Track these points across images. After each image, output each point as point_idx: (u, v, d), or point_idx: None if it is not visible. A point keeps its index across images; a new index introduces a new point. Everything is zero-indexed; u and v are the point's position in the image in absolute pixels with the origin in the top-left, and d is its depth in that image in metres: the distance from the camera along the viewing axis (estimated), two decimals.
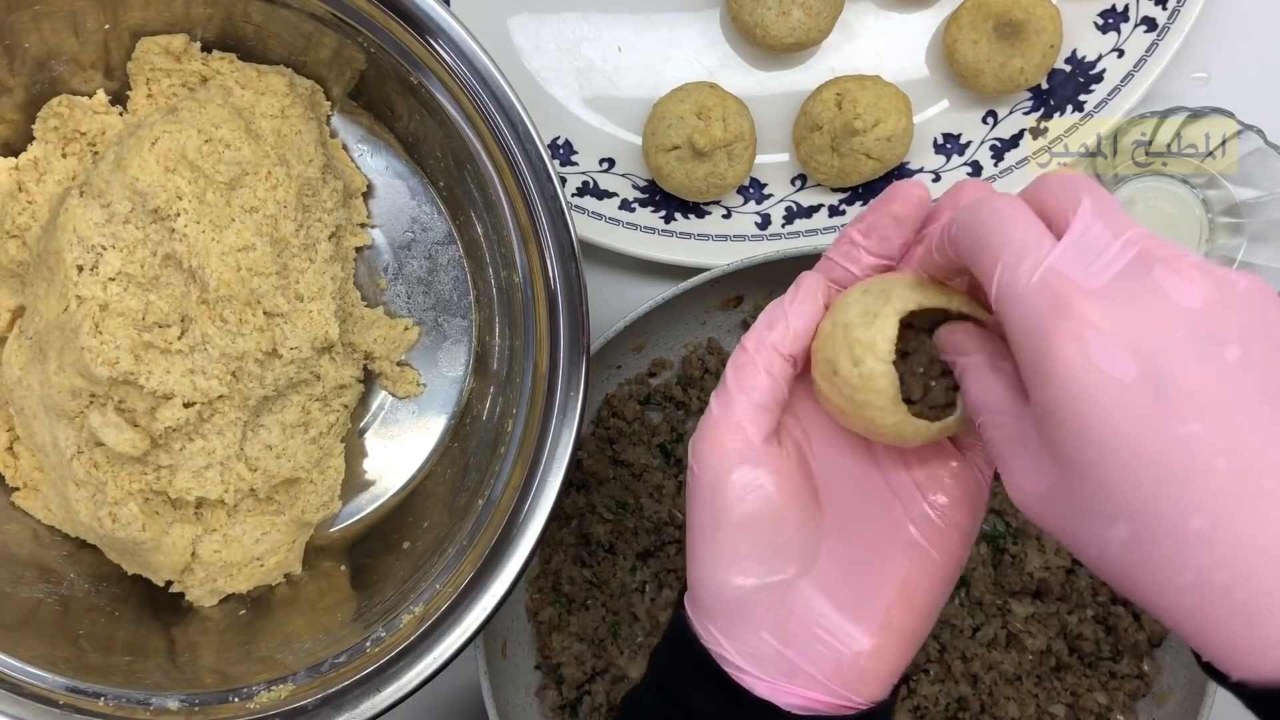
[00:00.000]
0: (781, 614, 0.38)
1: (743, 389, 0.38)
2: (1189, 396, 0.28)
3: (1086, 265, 0.31)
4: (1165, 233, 0.60)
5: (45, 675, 0.50)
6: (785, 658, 0.38)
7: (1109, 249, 0.31)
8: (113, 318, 0.49)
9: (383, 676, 0.49)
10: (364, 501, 0.58)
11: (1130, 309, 0.29)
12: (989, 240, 0.32)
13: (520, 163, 0.48)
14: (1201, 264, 0.30)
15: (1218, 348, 0.29)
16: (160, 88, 0.54)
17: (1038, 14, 0.57)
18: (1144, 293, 0.30)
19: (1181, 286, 0.30)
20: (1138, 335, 0.29)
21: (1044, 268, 0.31)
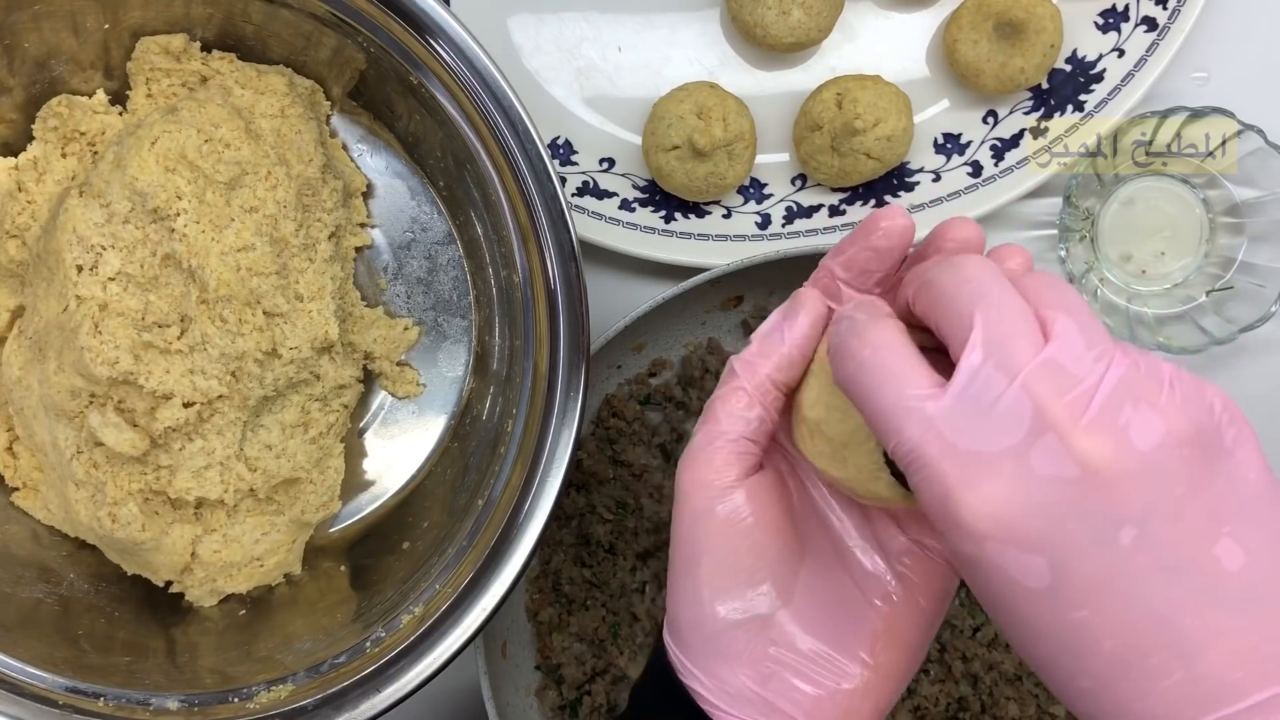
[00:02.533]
0: (760, 650, 0.37)
1: (731, 418, 0.37)
2: (1080, 588, 0.29)
3: (978, 430, 0.29)
4: (1166, 233, 0.60)
5: (45, 675, 0.50)
6: (762, 697, 0.37)
7: (1000, 405, 0.29)
8: (112, 318, 0.49)
9: (383, 677, 0.49)
10: (364, 501, 0.58)
11: (1020, 496, 0.29)
12: (869, 406, 0.31)
13: (520, 163, 0.48)
14: (1099, 419, 0.29)
15: (1114, 531, 0.29)
16: (160, 87, 0.54)
17: (1038, 14, 0.57)
18: (1035, 471, 0.29)
19: (1064, 459, 0.29)
20: (1030, 529, 0.29)
21: (930, 441, 0.30)
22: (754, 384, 0.37)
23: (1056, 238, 0.61)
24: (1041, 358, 0.29)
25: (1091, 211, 0.61)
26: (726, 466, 0.37)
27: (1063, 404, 0.29)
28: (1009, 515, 0.29)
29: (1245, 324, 0.57)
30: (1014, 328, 0.30)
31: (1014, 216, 0.62)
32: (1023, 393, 0.29)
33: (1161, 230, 0.60)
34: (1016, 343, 0.30)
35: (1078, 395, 0.29)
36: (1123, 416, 0.29)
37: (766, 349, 0.38)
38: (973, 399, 0.30)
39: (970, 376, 0.30)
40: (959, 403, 0.30)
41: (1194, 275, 0.60)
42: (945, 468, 0.29)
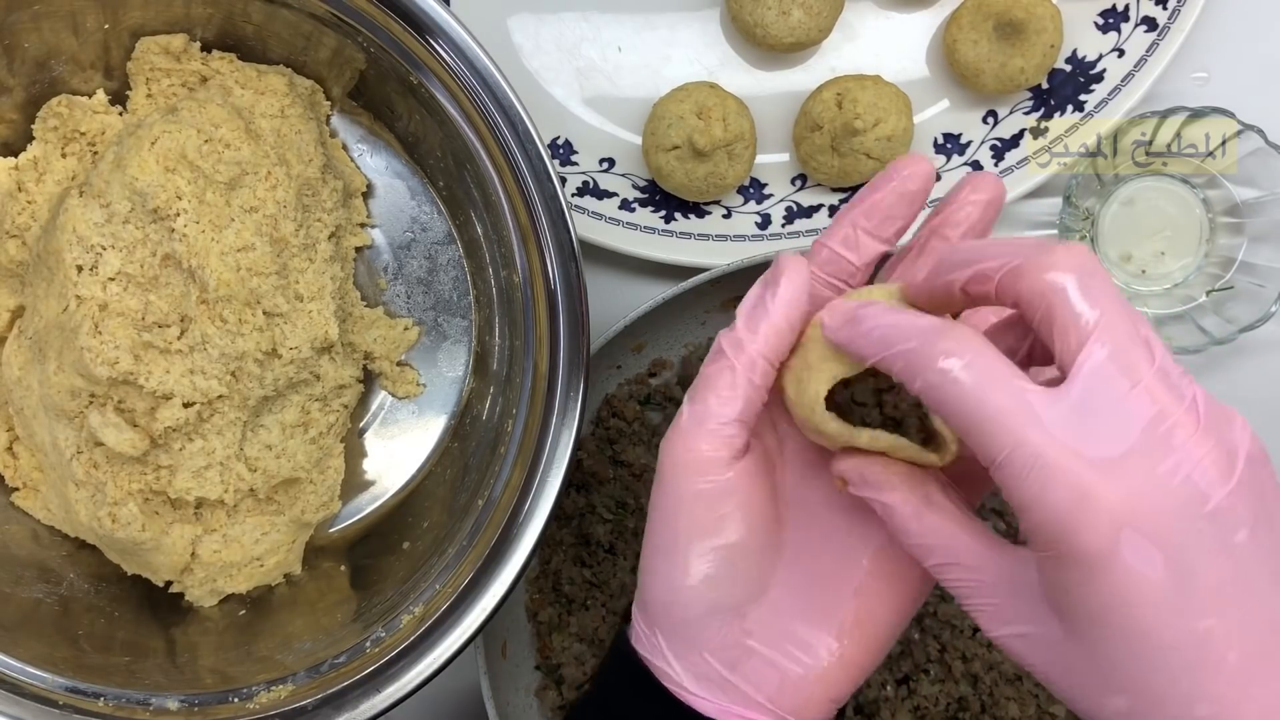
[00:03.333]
0: (732, 636, 0.37)
1: (720, 399, 0.36)
2: (1209, 592, 0.29)
3: (1097, 433, 0.29)
4: (1166, 233, 0.60)
5: (45, 675, 0.50)
6: (729, 680, 0.37)
7: (1121, 408, 0.29)
8: (112, 318, 0.49)
9: (383, 677, 0.49)
10: (364, 501, 0.58)
11: (1153, 496, 0.29)
12: (976, 414, 0.30)
13: (520, 163, 0.48)
14: (1211, 427, 0.29)
15: (1231, 535, 0.29)
16: (160, 87, 0.54)
17: (1038, 14, 0.57)
18: (1163, 474, 0.29)
19: (1196, 462, 0.29)
20: (1162, 529, 0.29)
21: (1053, 445, 0.29)
22: (743, 362, 0.36)
23: (1056, 238, 0.61)
24: (1157, 365, 0.30)
25: (1091, 211, 0.61)
26: (713, 450, 0.36)
27: (1184, 411, 0.29)
28: (1143, 508, 0.28)
29: (1245, 324, 0.57)
30: (1129, 332, 0.30)
31: (1014, 216, 0.62)
32: (1148, 399, 0.29)
33: (1161, 230, 0.60)
34: (1135, 348, 0.30)
35: (1190, 404, 0.30)
36: (1226, 426, 0.30)
37: (753, 323, 0.36)
38: (1096, 402, 0.29)
39: (1093, 381, 0.29)
40: (1083, 407, 0.29)
41: (1194, 275, 0.60)
42: (1079, 469, 0.29)
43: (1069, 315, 0.30)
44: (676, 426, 0.37)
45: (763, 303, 0.36)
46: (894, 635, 0.39)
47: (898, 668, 0.58)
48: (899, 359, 0.32)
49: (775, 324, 0.36)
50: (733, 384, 0.36)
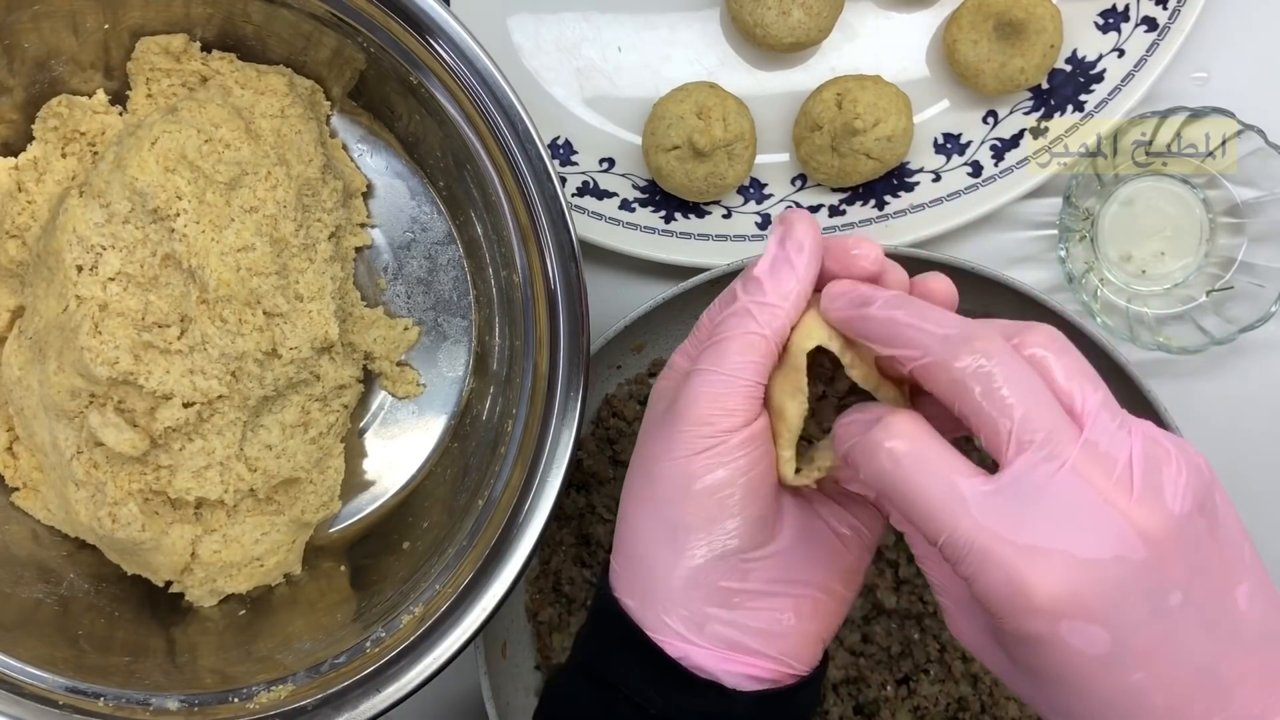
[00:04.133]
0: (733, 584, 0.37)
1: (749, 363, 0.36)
2: (1138, 653, 0.30)
3: (1028, 520, 0.30)
4: (1166, 233, 0.60)
5: (45, 675, 0.50)
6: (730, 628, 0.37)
7: (1048, 494, 0.30)
8: (112, 318, 0.49)
9: (383, 677, 0.49)
10: (364, 501, 0.58)
11: (1086, 582, 0.30)
12: (913, 503, 0.32)
13: (520, 163, 0.48)
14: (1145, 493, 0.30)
15: (1164, 601, 0.30)
16: (160, 88, 0.54)
17: (1038, 14, 0.57)
18: (1095, 557, 0.30)
19: (1128, 537, 0.30)
20: (1098, 610, 0.30)
21: (983, 534, 0.30)
22: (773, 329, 0.36)
23: (1056, 238, 0.61)
24: (1082, 440, 0.30)
25: (1091, 211, 0.61)
26: (740, 412, 0.36)
27: (1112, 484, 0.30)
28: (1079, 596, 0.30)
29: (1245, 324, 0.57)
30: (1048, 413, 0.31)
31: (1014, 216, 0.62)
32: (1075, 479, 0.30)
33: (1161, 230, 0.60)
34: (1056, 429, 0.30)
35: (1120, 474, 0.30)
36: (1159, 488, 0.30)
37: (781, 287, 0.36)
38: (1025, 490, 0.30)
39: (1021, 470, 0.30)
40: (1013, 495, 0.30)
41: (1194, 275, 0.60)
42: (1011, 559, 0.30)
43: (984, 414, 0.31)
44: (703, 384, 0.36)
45: (788, 263, 0.36)
46: (865, 567, 0.40)
47: (898, 668, 0.58)
48: (851, 454, 0.34)
49: (803, 290, 0.36)
50: (763, 351, 0.36)
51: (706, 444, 0.36)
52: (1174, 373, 0.62)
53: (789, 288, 0.36)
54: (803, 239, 0.36)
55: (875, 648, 0.58)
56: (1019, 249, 0.62)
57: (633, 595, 0.38)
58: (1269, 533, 0.62)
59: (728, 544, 0.37)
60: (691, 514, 0.36)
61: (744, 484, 0.36)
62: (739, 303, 0.37)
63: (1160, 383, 0.56)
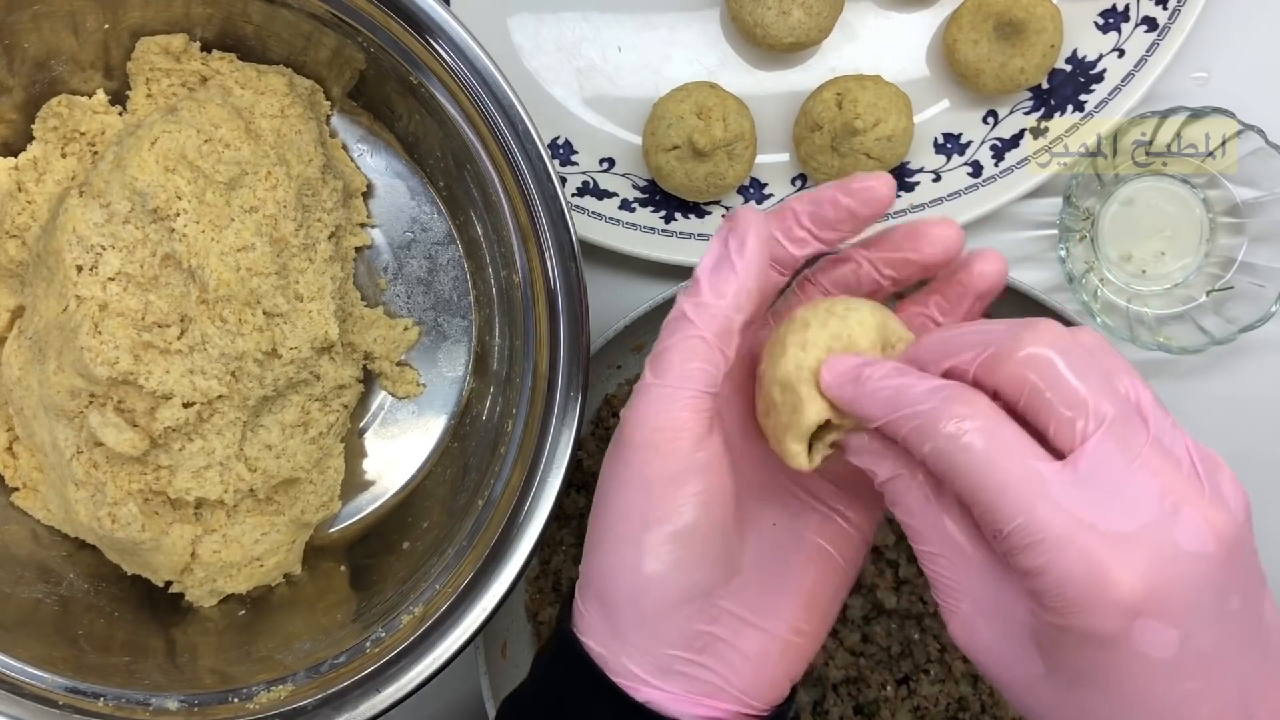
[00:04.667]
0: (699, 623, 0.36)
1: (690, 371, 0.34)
2: (1199, 659, 0.29)
3: (1106, 509, 0.29)
4: (1166, 233, 0.60)
5: (45, 675, 0.50)
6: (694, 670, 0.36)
7: (1126, 485, 0.29)
8: (112, 318, 0.49)
9: (382, 677, 0.49)
10: (364, 502, 0.58)
11: (1165, 578, 0.29)
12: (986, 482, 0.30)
13: (520, 163, 0.48)
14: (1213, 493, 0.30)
15: (1226, 603, 0.30)
16: (160, 87, 0.54)
17: (1038, 14, 0.57)
18: (1174, 552, 0.29)
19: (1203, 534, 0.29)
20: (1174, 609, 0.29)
21: (1064, 519, 0.29)
22: (714, 331, 0.34)
23: (1056, 238, 0.61)
24: (1152, 436, 0.30)
25: (1091, 211, 0.61)
26: (685, 429, 0.34)
27: (1183, 480, 0.30)
28: (1160, 591, 0.29)
29: (1245, 324, 0.57)
30: (1120, 408, 0.30)
31: (1014, 216, 0.62)
32: (1149, 473, 0.29)
33: (1161, 230, 0.60)
34: (1129, 423, 0.30)
35: (1189, 471, 0.30)
36: (1221, 490, 0.30)
37: (720, 286, 0.34)
38: (1100, 478, 0.29)
39: (1096, 457, 0.29)
40: (1089, 482, 0.29)
41: (1194, 275, 0.60)
42: (1093, 546, 0.29)
43: (1055, 401, 0.30)
44: (644, 401, 0.34)
45: (728, 261, 0.34)
46: (839, 606, 0.39)
47: (898, 668, 0.58)
48: (906, 422, 0.31)
49: (745, 286, 0.34)
50: (705, 355, 0.34)
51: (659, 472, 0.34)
52: (1174, 373, 0.62)
53: (727, 286, 0.34)
54: (744, 236, 0.34)
55: (875, 648, 0.58)
56: (1019, 249, 0.62)
57: (595, 637, 0.37)
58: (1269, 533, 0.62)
59: (691, 585, 0.35)
60: (648, 556, 0.34)
61: (705, 523, 0.35)
62: (676, 306, 0.35)
63: (1160, 383, 0.56)
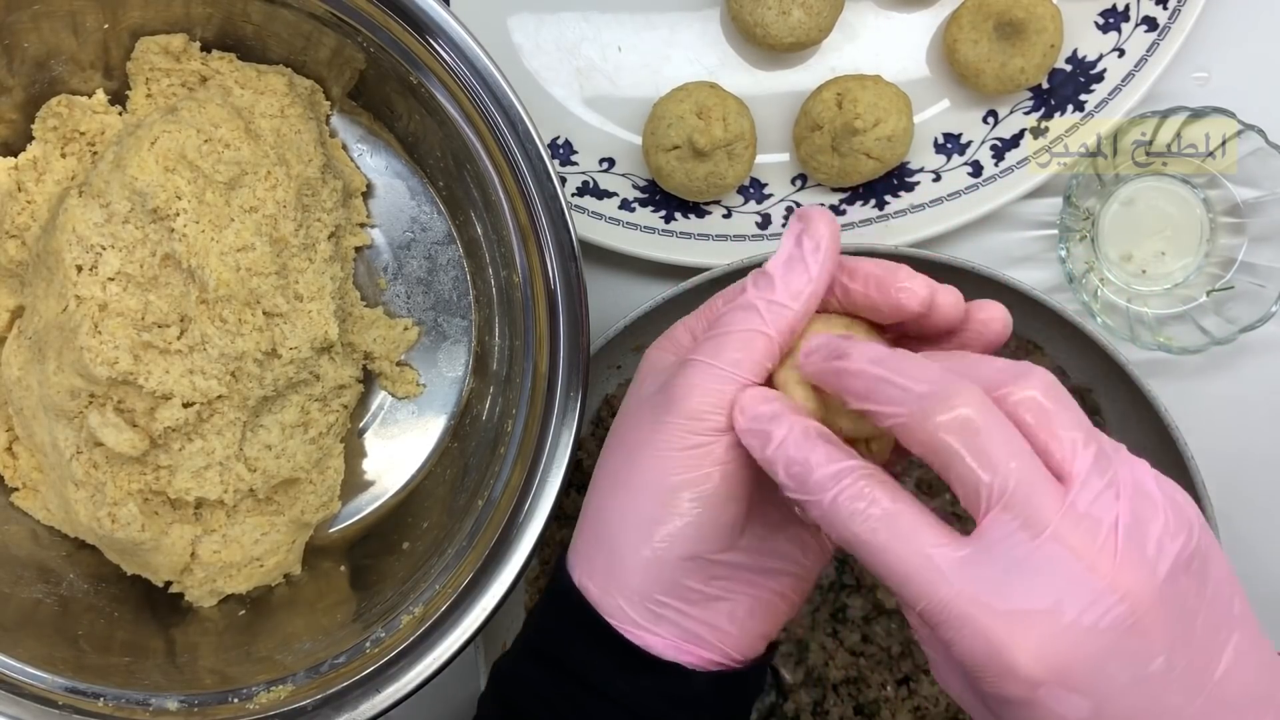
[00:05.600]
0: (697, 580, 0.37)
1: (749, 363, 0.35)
2: (1122, 716, 0.30)
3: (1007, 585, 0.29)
4: (1166, 233, 0.60)
5: (44, 676, 0.50)
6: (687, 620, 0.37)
7: (1028, 561, 0.29)
8: (112, 318, 0.49)
9: (382, 677, 0.49)
10: (363, 502, 0.58)
11: (1065, 650, 0.29)
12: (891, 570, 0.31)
13: (520, 163, 0.48)
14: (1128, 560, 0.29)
15: (1146, 667, 0.30)
16: (160, 87, 0.54)
17: (1038, 13, 0.57)
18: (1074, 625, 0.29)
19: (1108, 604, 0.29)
20: (1076, 677, 0.29)
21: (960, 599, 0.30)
22: (778, 329, 0.35)
23: (1056, 238, 0.61)
24: (1066, 505, 0.30)
25: (1092, 211, 0.60)
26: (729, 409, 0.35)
27: (1095, 550, 0.29)
28: (1058, 664, 0.29)
29: (1245, 324, 0.57)
30: (1029, 475, 0.30)
31: (1014, 216, 0.62)
32: (1056, 545, 0.29)
33: (1161, 230, 0.60)
34: (1038, 494, 0.30)
35: (1105, 538, 0.29)
36: (1144, 551, 0.30)
37: (794, 286, 0.35)
38: (1003, 555, 0.30)
39: (998, 535, 0.30)
40: (990, 560, 0.30)
41: (1194, 275, 0.60)
42: (989, 625, 0.29)
43: (962, 475, 0.30)
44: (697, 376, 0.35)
45: (802, 262, 0.35)
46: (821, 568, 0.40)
47: (898, 668, 0.58)
48: (812, 508, 0.33)
49: (816, 291, 0.35)
50: (764, 350, 0.35)
51: (694, 441, 0.36)
52: (1174, 373, 0.62)
53: (800, 287, 0.35)
54: (819, 238, 0.35)
55: (875, 648, 0.58)
56: (1019, 249, 0.62)
57: (593, 579, 0.38)
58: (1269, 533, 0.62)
59: (698, 546, 0.36)
60: (666, 511, 0.36)
61: (724, 491, 0.36)
62: (746, 296, 0.36)
63: (1160, 383, 0.56)
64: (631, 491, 0.37)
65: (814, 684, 0.59)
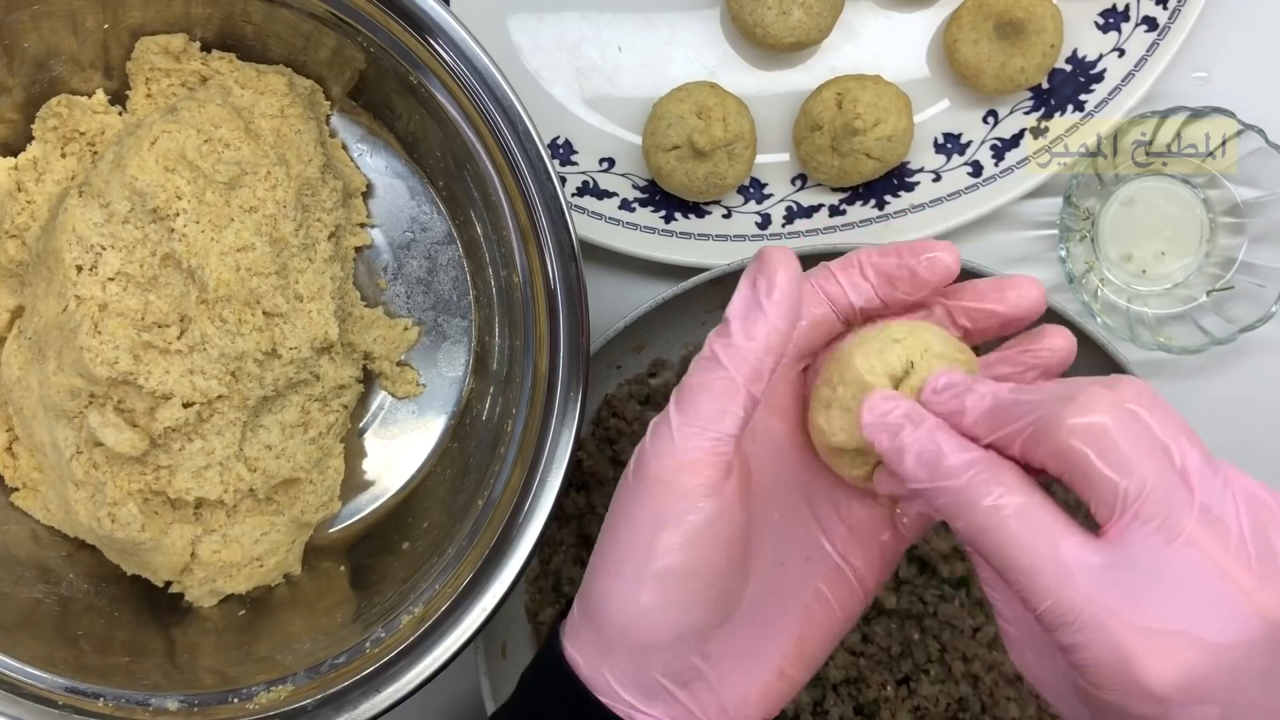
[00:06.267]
0: (689, 658, 0.36)
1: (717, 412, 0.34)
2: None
3: (1140, 594, 0.28)
4: (1166, 233, 0.60)
5: (44, 675, 0.50)
6: (678, 700, 0.36)
7: (1163, 571, 0.28)
8: (112, 318, 0.49)
9: (382, 677, 0.49)
10: (363, 502, 0.58)
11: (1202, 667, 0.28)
12: (1017, 564, 0.29)
13: (520, 163, 0.48)
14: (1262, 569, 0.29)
15: (1276, 684, 0.29)
16: (159, 87, 0.54)
17: (1038, 13, 0.57)
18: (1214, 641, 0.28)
19: (1242, 620, 0.28)
20: (1211, 693, 0.28)
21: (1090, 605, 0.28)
22: (745, 373, 0.34)
23: (1056, 238, 0.61)
24: (1197, 507, 0.29)
25: (1092, 211, 0.61)
26: (707, 472, 0.34)
27: (1231, 557, 0.29)
28: (1194, 681, 0.28)
29: (1245, 324, 0.57)
30: (1164, 481, 0.29)
31: (1014, 216, 0.62)
32: (1193, 551, 0.28)
33: (1162, 230, 0.60)
34: (1172, 495, 0.29)
35: (1236, 544, 0.29)
36: (1274, 556, 0.29)
37: (750, 328, 0.34)
38: (1140, 561, 0.29)
39: (1131, 539, 0.29)
40: (1123, 566, 0.29)
41: (1194, 275, 0.60)
42: (1124, 637, 0.28)
43: (1095, 479, 0.29)
44: (664, 438, 0.34)
45: (758, 304, 0.34)
46: (828, 653, 0.39)
47: (898, 668, 0.58)
48: (940, 495, 0.31)
49: (776, 328, 0.34)
50: (732, 397, 0.34)
51: (671, 510, 0.34)
52: (1174, 373, 0.62)
53: (757, 328, 0.34)
54: (773, 278, 0.34)
55: (875, 648, 0.58)
56: (1019, 249, 0.62)
57: (585, 654, 0.37)
58: None
59: (685, 623, 0.35)
60: (648, 591, 0.35)
61: (705, 568, 0.35)
62: (706, 345, 0.35)
63: (1160, 383, 0.56)
64: (615, 569, 0.36)
65: (813, 684, 0.59)
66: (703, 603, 0.35)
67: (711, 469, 0.34)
